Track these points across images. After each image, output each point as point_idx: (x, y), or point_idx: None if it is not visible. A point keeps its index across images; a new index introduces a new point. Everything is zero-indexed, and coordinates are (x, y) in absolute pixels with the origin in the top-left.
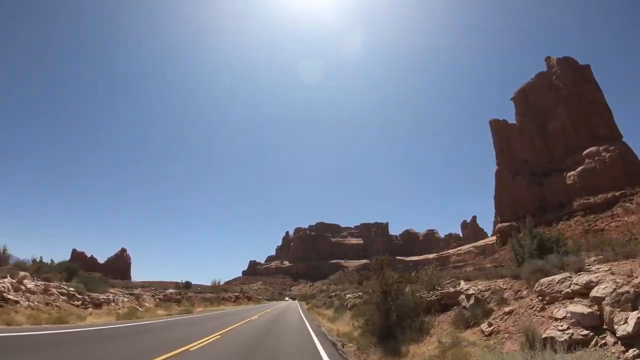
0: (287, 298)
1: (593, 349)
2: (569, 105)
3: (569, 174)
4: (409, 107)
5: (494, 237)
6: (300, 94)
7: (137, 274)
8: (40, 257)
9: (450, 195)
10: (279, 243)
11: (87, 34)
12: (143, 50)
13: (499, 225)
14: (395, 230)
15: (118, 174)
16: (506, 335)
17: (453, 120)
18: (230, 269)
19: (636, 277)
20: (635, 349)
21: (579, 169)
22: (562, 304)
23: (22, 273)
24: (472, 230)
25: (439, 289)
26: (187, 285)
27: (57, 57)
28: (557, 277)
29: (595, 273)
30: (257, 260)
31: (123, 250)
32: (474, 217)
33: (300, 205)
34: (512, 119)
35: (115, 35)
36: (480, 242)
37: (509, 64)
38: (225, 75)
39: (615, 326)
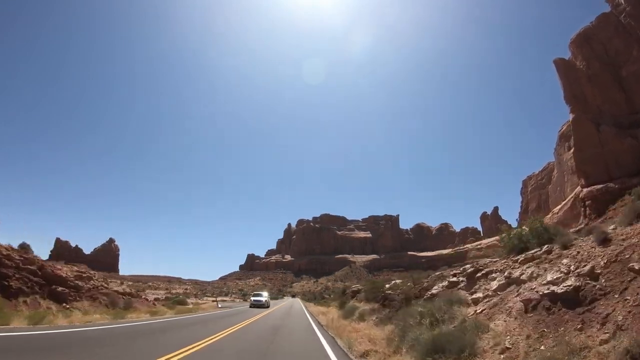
0: (263, 296)
1: None
2: None
3: None
4: (418, 96)
5: (577, 208)
6: (303, 90)
7: (126, 267)
8: None
9: (464, 188)
10: (281, 236)
11: (81, 30)
12: (145, 47)
13: (588, 189)
14: (405, 224)
15: (108, 160)
16: None
17: (465, 109)
18: (228, 264)
19: None
20: None
21: None
22: None
23: None
24: (493, 222)
25: None
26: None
27: (53, 51)
28: None
29: None
30: (256, 254)
31: (111, 241)
32: (496, 208)
33: (304, 196)
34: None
35: (114, 32)
36: None
37: (514, 51)
38: (226, 69)
39: None
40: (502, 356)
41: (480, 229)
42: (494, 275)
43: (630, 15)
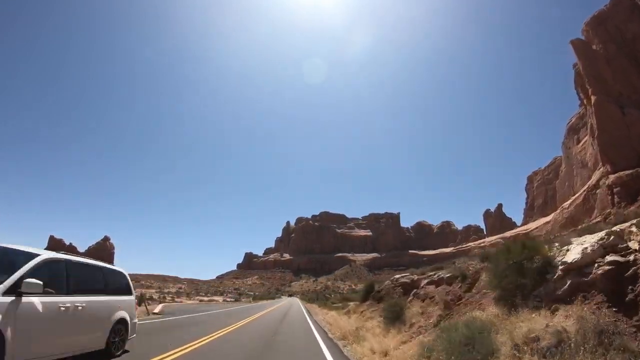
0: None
1: None
2: None
3: None
4: (419, 95)
5: (605, 196)
6: (303, 90)
7: (123, 266)
8: None
9: (465, 186)
10: (280, 234)
11: (81, 30)
12: (145, 47)
13: (616, 175)
14: (406, 222)
15: (108, 159)
16: None
17: (466, 107)
18: (226, 263)
19: None
20: None
21: None
22: None
23: None
24: (497, 220)
25: None
26: None
27: (53, 51)
28: None
29: None
30: (255, 253)
31: (106, 239)
32: (500, 205)
33: (304, 195)
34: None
35: (114, 32)
36: (509, 233)
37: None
38: (227, 69)
39: None
40: None
41: (483, 227)
42: None
43: None
